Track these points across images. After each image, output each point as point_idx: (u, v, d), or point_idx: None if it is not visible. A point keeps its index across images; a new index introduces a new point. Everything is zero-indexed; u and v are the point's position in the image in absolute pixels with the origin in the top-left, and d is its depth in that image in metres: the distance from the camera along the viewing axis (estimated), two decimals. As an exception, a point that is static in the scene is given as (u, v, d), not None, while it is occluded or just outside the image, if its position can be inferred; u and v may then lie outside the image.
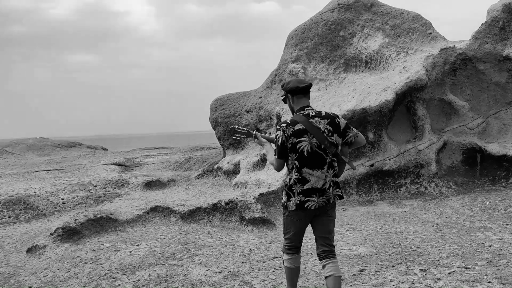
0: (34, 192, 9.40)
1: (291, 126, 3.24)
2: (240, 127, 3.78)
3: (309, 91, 3.39)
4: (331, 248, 3.29)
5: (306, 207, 3.21)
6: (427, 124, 8.94)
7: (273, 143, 3.54)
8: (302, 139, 3.21)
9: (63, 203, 9.15)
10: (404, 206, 7.67)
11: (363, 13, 10.48)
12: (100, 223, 6.75)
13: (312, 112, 3.29)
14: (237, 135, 3.78)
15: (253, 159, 10.06)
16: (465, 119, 9.15)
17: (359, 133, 3.41)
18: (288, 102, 3.47)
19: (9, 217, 8.34)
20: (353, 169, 3.59)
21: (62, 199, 9.31)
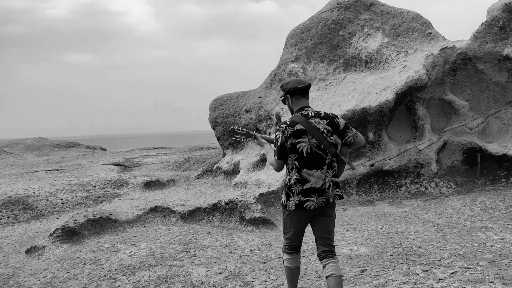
0: (33, 193, 9.37)
1: (290, 126, 3.24)
2: (239, 128, 3.78)
3: (308, 91, 3.39)
4: (331, 248, 3.29)
5: (305, 207, 3.21)
6: (427, 124, 8.93)
7: (272, 143, 3.53)
8: (301, 139, 3.21)
9: (62, 204, 9.12)
10: (405, 206, 7.65)
11: (363, 12, 10.46)
12: (100, 224, 6.72)
13: (311, 113, 3.30)
14: (237, 136, 3.78)
15: (253, 159, 10.04)
16: (465, 118, 9.14)
17: (358, 133, 3.41)
18: (287, 103, 3.47)
19: (8, 218, 8.30)
20: (352, 169, 3.59)
21: (61, 199, 9.28)
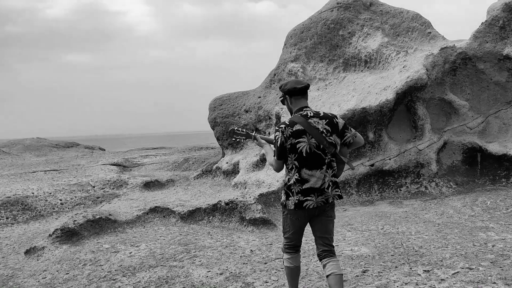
0: (32, 193, 9.33)
1: (289, 127, 3.25)
2: (239, 128, 3.77)
3: (307, 91, 3.41)
4: (330, 248, 3.30)
5: (304, 206, 3.22)
6: (427, 123, 8.91)
7: (272, 144, 3.54)
8: (301, 139, 3.22)
9: (61, 204, 9.08)
10: (405, 206, 7.63)
11: (362, 12, 10.45)
12: (99, 224, 6.69)
13: (310, 113, 3.31)
14: (236, 136, 3.78)
15: (253, 159, 10.01)
16: (465, 118, 9.13)
17: (358, 133, 3.42)
18: (286, 103, 3.48)
19: (6, 218, 8.27)
20: (352, 169, 3.59)
21: (60, 199, 9.24)
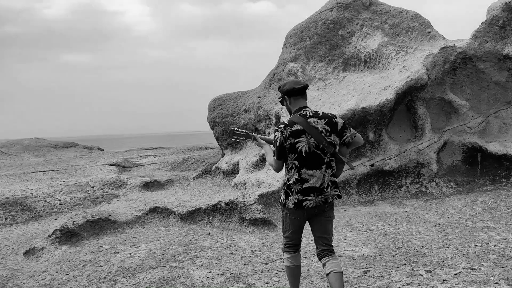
0: (31, 193, 9.29)
1: (289, 127, 3.27)
2: (239, 129, 3.80)
3: (305, 92, 3.43)
4: (329, 247, 3.33)
5: (304, 206, 3.24)
6: (427, 123, 8.90)
7: (272, 144, 3.55)
8: (300, 139, 3.24)
9: (61, 204, 9.05)
10: (405, 206, 7.62)
11: (362, 12, 10.43)
12: (99, 225, 6.65)
13: (309, 113, 3.33)
14: (236, 137, 3.80)
15: (252, 159, 9.99)
16: (465, 118, 9.12)
17: (357, 133, 3.44)
18: (285, 104, 3.50)
19: (5, 219, 8.23)
20: (352, 168, 3.61)
21: (59, 200, 9.20)
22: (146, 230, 6.78)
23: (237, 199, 7.16)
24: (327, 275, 3.21)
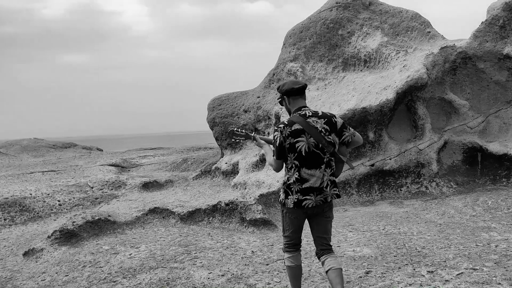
0: (30, 194, 9.25)
1: (288, 126, 3.28)
2: (238, 129, 3.82)
3: (304, 91, 3.44)
4: (328, 246, 3.35)
5: (303, 205, 3.26)
6: (427, 123, 8.89)
7: (271, 144, 3.57)
8: (299, 139, 3.25)
9: (60, 205, 9.02)
10: (406, 206, 7.60)
11: (362, 11, 10.42)
12: (99, 225, 6.62)
13: (309, 112, 3.34)
14: (236, 137, 3.82)
15: (252, 159, 9.96)
16: (466, 118, 9.11)
17: (356, 132, 3.46)
18: (284, 104, 3.51)
19: (4, 220, 8.20)
20: (351, 168, 3.60)
21: (59, 200, 9.17)
22: (146, 230, 6.75)
23: (237, 199, 7.13)
24: (326, 272, 3.24)
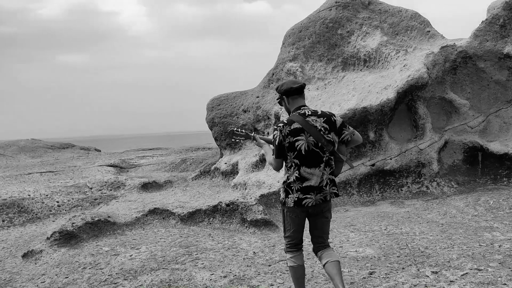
0: (28, 195, 9.19)
1: (287, 125, 3.29)
2: (238, 129, 3.82)
3: (303, 91, 3.46)
4: (325, 243, 3.40)
5: (303, 204, 3.27)
6: (428, 123, 8.86)
7: (271, 144, 3.57)
8: (299, 137, 3.26)
9: (58, 206, 8.95)
10: (407, 206, 7.57)
11: (361, 11, 10.39)
12: (98, 227, 6.56)
13: (308, 111, 3.36)
14: (236, 137, 3.82)
15: (252, 159, 9.92)
16: (466, 117, 9.08)
17: (355, 131, 3.47)
18: (283, 104, 3.52)
19: (3, 221, 8.13)
20: (351, 167, 3.60)
21: (57, 201, 9.11)
22: (146, 231, 6.70)
23: (237, 200, 7.08)
24: (324, 266, 3.27)
